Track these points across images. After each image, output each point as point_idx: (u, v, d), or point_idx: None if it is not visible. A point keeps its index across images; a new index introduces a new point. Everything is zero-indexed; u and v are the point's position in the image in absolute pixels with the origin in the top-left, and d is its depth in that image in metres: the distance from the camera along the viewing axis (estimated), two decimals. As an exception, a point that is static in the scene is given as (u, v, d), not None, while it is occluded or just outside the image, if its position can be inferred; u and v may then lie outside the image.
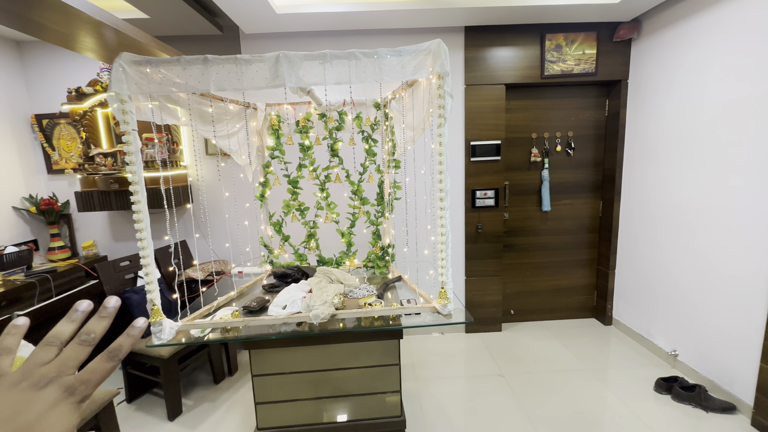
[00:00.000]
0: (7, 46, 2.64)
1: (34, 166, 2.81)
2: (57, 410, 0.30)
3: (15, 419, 0.29)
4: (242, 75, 1.36)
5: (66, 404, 0.31)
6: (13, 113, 2.67)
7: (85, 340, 0.34)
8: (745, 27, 1.98)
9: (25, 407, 0.29)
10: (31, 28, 1.72)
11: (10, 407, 0.29)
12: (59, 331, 0.34)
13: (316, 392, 1.84)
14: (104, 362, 0.33)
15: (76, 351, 0.33)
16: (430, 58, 1.36)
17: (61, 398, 0.31)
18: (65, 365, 0.32)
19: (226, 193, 2.58)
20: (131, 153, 1.38)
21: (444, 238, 1.49)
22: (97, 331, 0.35)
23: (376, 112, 2.19)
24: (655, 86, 2.59)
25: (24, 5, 1.54)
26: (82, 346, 0.33)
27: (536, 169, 3.07)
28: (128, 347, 0.35)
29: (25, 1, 1.50)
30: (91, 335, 0.34)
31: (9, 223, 2.62)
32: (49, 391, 0.31)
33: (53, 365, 0.32)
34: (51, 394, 0.31)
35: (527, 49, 2.77)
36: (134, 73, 1.35)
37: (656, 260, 2.65)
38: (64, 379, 0.31)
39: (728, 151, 2.08)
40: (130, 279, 2.45)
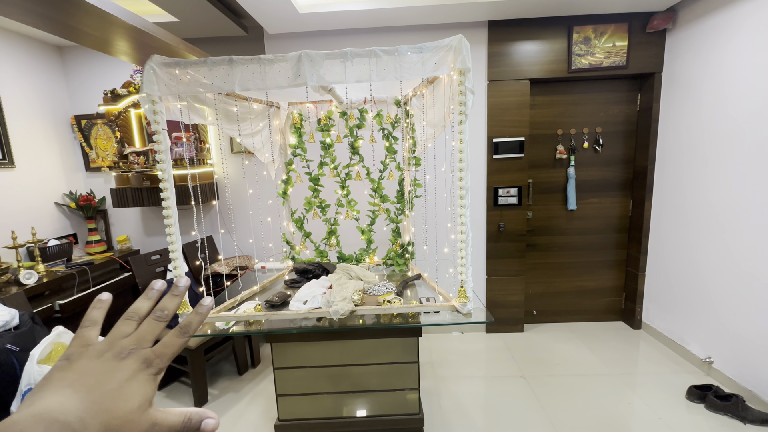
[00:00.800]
0: (50, 52, 2.80)
1: (73, 165, 2.98)
2: (136, 380, 0.32)
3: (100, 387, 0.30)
4: (265, 75, 1.39)
5: (144, 375, 0.32)
6: (55, 114, 2.84)
7: (160, 316, 0.36)
8: (794, 13, 1.84)
9: (109, 376, 0.31)
10: (71, 33, 1.81)
11: (95, 375, 0.31)
12: (138, 307, 0.37)
13: (335, 387, 1.87)
14: (176, 337, 0.36)
15: (152, 326, 0.35)
16: (452, 54, 1.35)
17: (139, 369, 0.32)
18: (143, 338, 0.34)
19: (250, 190, 2.65)
20: (161, 151, 1.44)
21: (464, 236, 1.48)
22: (170, 307, 0.37)
23: (396, 109, 2.18)
24: (692, 79, 2.45)
25: (65, 12, 1.63)
26: (157, 321, 0.36)
27: (562, 167, 2.98)
28: (198, 324, 0.37)
29: (65, 8, 1.59)
30: (165, 312, 0.36)
31: (52, 217, 2.80)
32: (130, 362, 0.32)
33: (133, 338, 0.34)
34: (131, 365, 0.32)
35: (553, 42, 2.69)
36: (164, 75, 1.41)
37: (690, 262, 2.52)
38: (142, 352, 0.33)
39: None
40: (160, 272, 2.56)
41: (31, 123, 2.65)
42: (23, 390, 1.41)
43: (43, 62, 2.75)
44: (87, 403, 0.29)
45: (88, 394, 0.29)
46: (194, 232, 1.73)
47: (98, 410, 0.29)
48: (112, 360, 0.32)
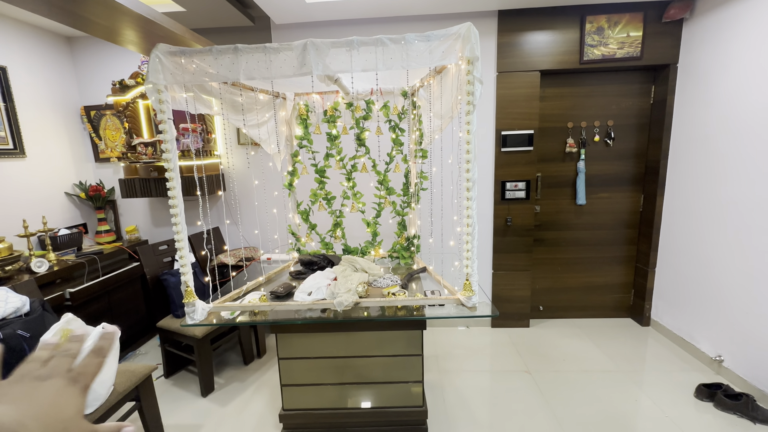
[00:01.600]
0: (59, 42, 2.82)
1: (83, 155, 3.01)
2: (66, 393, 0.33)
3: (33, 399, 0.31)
4: (271, 63, 1.37)
5: (72, 389, 0.34)
6: (65, 105, 2.87)
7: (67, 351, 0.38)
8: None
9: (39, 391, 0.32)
10: (79, 22, 1.81)
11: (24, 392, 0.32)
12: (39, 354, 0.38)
13: (339, 378, 1.88)
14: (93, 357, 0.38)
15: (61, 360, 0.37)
16: (460, 43, 1.32)
17: (66, 385, 0.34)
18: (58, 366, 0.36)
19: (256, 181, 2.65)
20: (167, 141, 1.44)
21: (470, 229, 1.46)
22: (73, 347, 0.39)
23: (403, 100, 2.16)
24: (709, 70, 2.38)
25: (73, 2, 1.63)
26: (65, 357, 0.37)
27: (571, 161, 2.93)
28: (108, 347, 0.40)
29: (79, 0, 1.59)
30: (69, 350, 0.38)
31: (62, 207, 2.84)
32: (54, 381, 0.34)
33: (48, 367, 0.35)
34: (56, 383, 0.34)
35: (565, 32, 2.62)
36: (170, 64, 1.40)
37: (702, 259, 2.46)
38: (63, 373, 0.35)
39: (792, 141, 1.89)
40: (167, 262, 2.58)
41: (41, 113, 2.67)
42: (33, 375, 1.44)
43: (53, 53, 2.77)
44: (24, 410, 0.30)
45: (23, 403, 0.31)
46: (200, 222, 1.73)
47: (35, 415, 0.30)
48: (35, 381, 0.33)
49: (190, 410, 2.19)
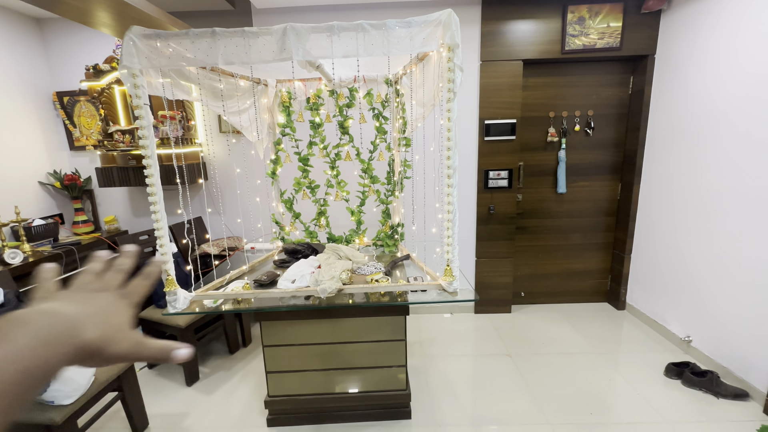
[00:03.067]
0: (27, 24, 2.69)
1: (56, 143, 2.91)
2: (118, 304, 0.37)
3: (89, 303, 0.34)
4: (250, 48, 1.35)
5: (123, 302, 0.37)
6: (36, 91, 2.75)
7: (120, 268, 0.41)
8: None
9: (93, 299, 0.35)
10: (48, 2, 1.73)
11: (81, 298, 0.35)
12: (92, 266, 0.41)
13: (324, 364, 1.90)
14: (142, 280, 0.41)
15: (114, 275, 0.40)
16: (440, 30, 1.32)
17: (116, 298, 0.37)
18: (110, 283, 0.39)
19: (237, 169, 2.62)
20: (143, 128, 1.40)
21: (450, 215, 1.48)
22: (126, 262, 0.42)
23: (387, 88, 2.15)
24: (685, 61, 2.44)
25: None
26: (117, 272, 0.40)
27: (553, 150, 2.98)
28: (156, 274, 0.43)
29: None
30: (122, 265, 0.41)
31: (36, 197, 2.74)
32: (105, 294, 0.37)
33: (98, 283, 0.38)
34: (107, 296, 0.37)
35: (548, 22, 2.64)
36: (145, 47, 1.36)
37: (674, 245, 2.57)
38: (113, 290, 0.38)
39: (763, 132, 1.96)
40: (149, 252, 2.54)
41: (10, 99, 2.56)
42: (10, 366, 1.41)
43: (21, 35, 2.65)
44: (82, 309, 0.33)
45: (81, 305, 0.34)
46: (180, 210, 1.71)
47: (92, 314, 0.33)
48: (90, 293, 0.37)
49: (175, 399, 2.19)
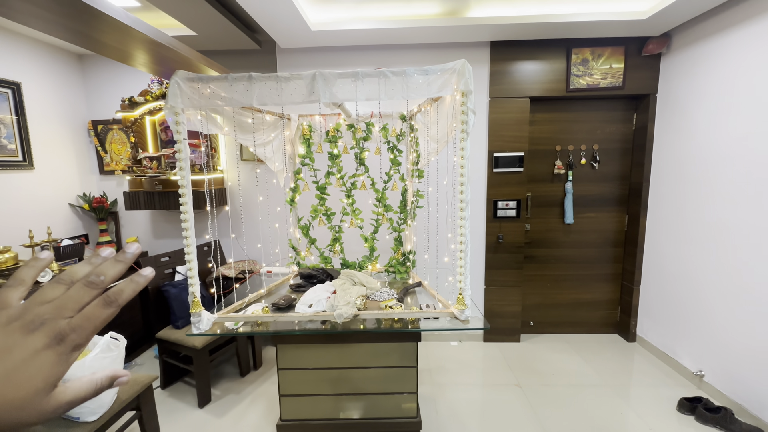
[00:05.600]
0: (71, 60, 2.93)
1: (87, 167, 3.09)
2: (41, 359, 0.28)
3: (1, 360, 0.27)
4: (282, 91, 1.49)
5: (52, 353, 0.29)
6: (73, 119, 2.96)
7: (93, 282, 0.31)
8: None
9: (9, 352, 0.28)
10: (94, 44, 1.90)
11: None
12: (73, 270, 0.32)
13: (336, 389, 1.94)
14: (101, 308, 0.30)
15: (81, 292, 0.30)
16: (455, 77, 1.45)
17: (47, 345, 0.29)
18: (64, 306, 0.30)
19: (260, 197, 2.75)
20: (182, 159, 1.53)
21: (463, 246, 1.56)
22: (109, 273, 0.32)
23: (401, 123, 2.29)
24: (685, 101, 2.56)
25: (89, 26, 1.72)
26: (88, 287, 0.31)
27: (560, 182, 3.08)
28: (129, 294, 0.32)
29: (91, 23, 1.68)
30: (101, 277, 0.31)
31: (65, 218, 2.89)
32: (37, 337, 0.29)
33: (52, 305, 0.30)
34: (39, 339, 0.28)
35: (553, 63, 2.81)
36: (187, 89, 1.51)
37: (684, 277, 2.59)
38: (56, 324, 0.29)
39: (761, 170, 2.04)
40: (168, 273, 2.64)
41: (50, 127, 2.76)
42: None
43: (64, 69, 2.88)
44: None
45: None
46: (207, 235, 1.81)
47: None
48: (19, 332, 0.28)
49: (187, 421, 2.22)
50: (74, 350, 0.30)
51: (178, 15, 2.27)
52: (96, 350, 1.57)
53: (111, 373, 0.32)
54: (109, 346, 1.62)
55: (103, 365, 1.57)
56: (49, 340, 0.29)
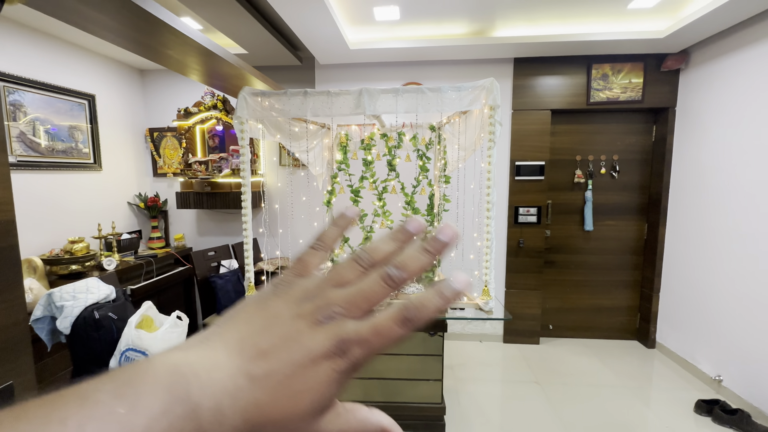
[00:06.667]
0: (134, 74, 3.30)
1: (143, 170, 3.42)
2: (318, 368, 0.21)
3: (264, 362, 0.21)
4: (332, 104, 1.73)
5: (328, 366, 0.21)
6: (133, 127, 3.31)
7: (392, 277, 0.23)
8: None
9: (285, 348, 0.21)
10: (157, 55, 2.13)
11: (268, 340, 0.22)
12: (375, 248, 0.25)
13: (367, 373, 2.12)
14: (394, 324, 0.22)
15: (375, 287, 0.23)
16: (484, 93, 1.65)
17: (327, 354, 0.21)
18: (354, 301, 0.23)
19: (304, 197, 2.99)
20: (243, 162, 1.79)
21: (489, 243, 1.74)
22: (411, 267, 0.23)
23: (431, 133, 2.50)
24: (704, 114, 2.67)
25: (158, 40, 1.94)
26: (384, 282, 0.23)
27: (579, 190, 3.20)
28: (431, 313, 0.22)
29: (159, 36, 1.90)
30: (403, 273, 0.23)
31: (124, 215, 3.22)
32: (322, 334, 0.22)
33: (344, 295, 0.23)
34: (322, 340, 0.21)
35: (573, 77, 2.97)
36: (252, 102, 1.77)
37: (703, 285, 2.67)
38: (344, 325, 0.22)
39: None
40: (214, 267, 2.91)
41: (115, 133, 3.11)
42: (122, 349, 1.73)
43: (128, 82, 3.24)
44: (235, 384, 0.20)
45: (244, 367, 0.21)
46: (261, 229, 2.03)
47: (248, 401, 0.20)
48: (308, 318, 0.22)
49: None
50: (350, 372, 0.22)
51: (234, 36, 2.57)
52: (165, 325, 1.82)
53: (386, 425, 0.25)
54: (176, 323, 1.86)
55: (171, 338, 1.81)
56: (331, 346, 0.21)
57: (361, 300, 0.23)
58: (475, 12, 2.40)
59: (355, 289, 0.23)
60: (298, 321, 0.22)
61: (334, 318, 0.22)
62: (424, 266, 0.24)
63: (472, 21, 2.53)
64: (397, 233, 0.25)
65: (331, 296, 0.23)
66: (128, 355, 1.70)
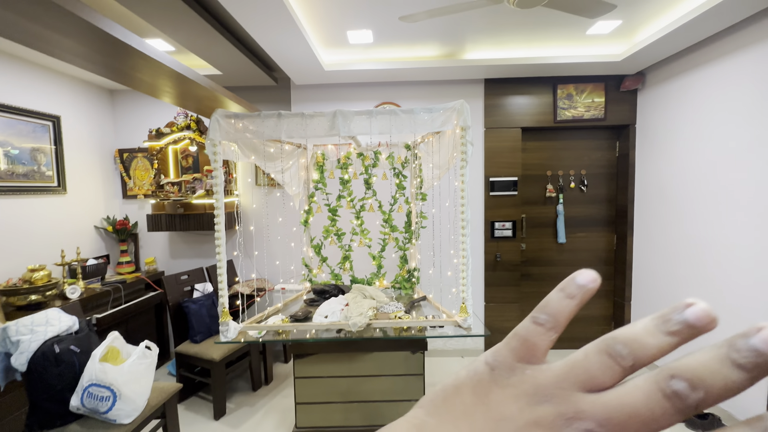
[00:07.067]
0: (103, 94, 3.21)
1: (112, 192, 3.30)
2: None
3: None
4: (306, 126, 1.74)
5: None
6: (102, 148, 3.20)
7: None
8: (738, 80, 2.24)
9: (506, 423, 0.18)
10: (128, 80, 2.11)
11: None
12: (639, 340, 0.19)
13: (348, 397, 2.07)
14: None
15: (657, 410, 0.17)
16: (455, 115, 1.70)
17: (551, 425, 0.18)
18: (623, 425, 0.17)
19: (280, 218, 2.96)
20: (217, 185, 1.76)
21: (465, 260, 1.76)
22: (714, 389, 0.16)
23: (406, 152, 2.54)
24: (661, 130, 2.84)
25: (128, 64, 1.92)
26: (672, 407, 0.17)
27: (552, 204, 3.31)
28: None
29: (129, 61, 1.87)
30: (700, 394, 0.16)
31: (90, 239, 3.08)
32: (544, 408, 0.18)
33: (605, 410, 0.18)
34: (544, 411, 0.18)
35: (541, 97, 3.11)
36: (225, 124, 1.76)
37: (672, 292, 2.78)
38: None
39: (731, 191, 2.28)
40: (187, 291, 2.80)
41: (82, 155, 3.00)
42: (84, 385, 1.63)
43: (97, 103, 3.15)
44: None
45: None
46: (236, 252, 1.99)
47: None
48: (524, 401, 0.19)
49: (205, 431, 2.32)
50: None
51: (208, 57, 2.56)
52: (133, 357, 1.72)
53: None
54: (144, 353, 1.77)
55: (139, 371, 1.72)
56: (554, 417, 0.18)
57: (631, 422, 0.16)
58: (445, 36, 2.50)
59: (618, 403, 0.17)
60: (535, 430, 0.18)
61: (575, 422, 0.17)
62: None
63: (443, 44, 2.63)
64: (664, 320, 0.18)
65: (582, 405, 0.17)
66: (91, 391, 1.60)
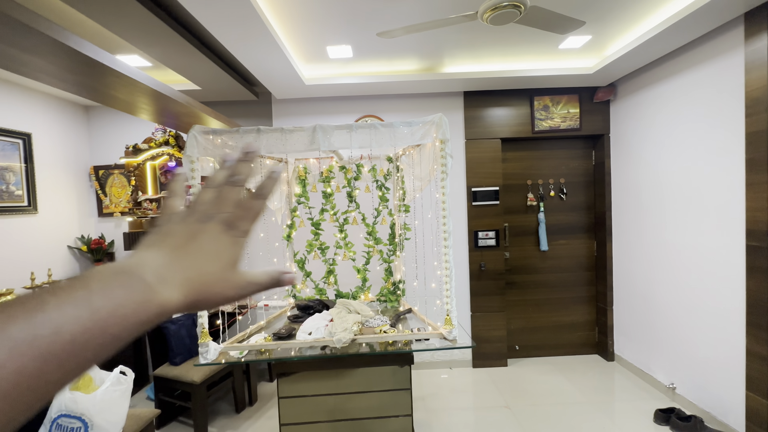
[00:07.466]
0: (77, 111, 3.13)
1: (87, 210, 3.20)
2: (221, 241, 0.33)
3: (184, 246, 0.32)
4: (286, 141, 1.73)
5: (228, 236, 0.33)
6: (76, 165, 3.11)
7: (235, 181, 0.36)
8: (702, 90, 2.34)
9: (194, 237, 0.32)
10: (103, 98, 2.09)
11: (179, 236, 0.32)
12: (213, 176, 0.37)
13: (334, 416, 2.02)
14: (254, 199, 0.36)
15: (228, 191, 0.35)
16: (434, 128, 1.73)
17: (222, 231, 0.33)
18: (220, 203, 0.34)
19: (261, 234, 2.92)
20: (195, 202, 1.72)
21: (448, 272, 1.76)
22: (244, 171, 0.37)
23: (388, 164, 2.55)
24: (634, 140, 2.95)
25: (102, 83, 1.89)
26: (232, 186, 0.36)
27: (533, 212, 3.37)
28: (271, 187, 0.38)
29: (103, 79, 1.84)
30: (239, 176, 0.36)
31: (63, 260, 2.96)
32: (212, 225, 0.33)
33: (211, 204, 0.34)
34: (214, 227, 0.33)
35: (519, 108, 3.19)
36: (203, 140, 1.73)
37: (651, 297, 2.84)
38: (221, 216, 0.34)
39: (700, 197, 2.37)
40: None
41: (55, 173, 2.90)
42: (53, 416, 1.54)
43: (71, 119, 3.07)
44: (169, 259, 0.30)
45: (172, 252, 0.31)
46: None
47: (181, 267, 0.30)
48: (195, 223, 0.33)
49: (184, 459, 2.22)
50: (243, 236, 0.34)
51: (186, 73, 2.54)
52: (107, 383, 1.65)
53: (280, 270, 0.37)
54: (119, 380, 1.69)
55: (113, 398, 1.64)
56: (222, 227, 0.33)
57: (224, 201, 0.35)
58: (424, 50, 2.55)
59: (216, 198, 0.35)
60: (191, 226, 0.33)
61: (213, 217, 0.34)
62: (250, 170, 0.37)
63: (422, 58, 2.68)
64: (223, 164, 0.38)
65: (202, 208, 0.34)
66: (60, 422, 1.52)
